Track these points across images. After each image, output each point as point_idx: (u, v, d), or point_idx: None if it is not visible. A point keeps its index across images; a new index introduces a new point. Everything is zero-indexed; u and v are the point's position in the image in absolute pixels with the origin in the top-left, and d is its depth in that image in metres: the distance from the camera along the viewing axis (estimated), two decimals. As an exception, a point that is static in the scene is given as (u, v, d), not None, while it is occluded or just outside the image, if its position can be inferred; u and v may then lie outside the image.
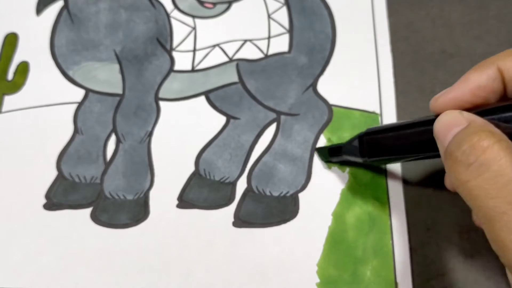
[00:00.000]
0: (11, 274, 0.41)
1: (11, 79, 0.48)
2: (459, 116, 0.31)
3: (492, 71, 0.33)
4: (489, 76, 0.32)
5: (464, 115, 0.31)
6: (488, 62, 0.33)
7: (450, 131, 0.31)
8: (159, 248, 0.42)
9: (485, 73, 0.33)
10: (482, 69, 0.33)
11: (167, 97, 0.47)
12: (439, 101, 0.34)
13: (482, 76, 0.33)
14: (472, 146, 0.29)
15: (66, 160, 0.45)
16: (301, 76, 0.47)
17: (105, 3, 0.50)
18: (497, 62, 0.32)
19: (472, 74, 0.33)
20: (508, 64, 0.32)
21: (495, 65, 0.32)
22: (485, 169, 0.28)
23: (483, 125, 0.30)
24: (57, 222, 0.43)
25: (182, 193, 0.44)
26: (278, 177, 0.44)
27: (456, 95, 0.33)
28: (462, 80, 0.33)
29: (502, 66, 0.32)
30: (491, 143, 0.28)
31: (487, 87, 0.33)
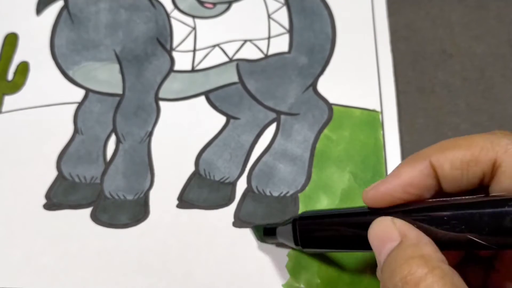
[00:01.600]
0: (11, 274, 0.41)
1: (11, 79, 0.48)
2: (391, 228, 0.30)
3: (424, 167, 0.31)
4: (421, 172, 0.31)
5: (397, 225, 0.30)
6: (420, 157, 0.31)
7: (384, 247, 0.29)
8: (159, 248, 0.42)
9: (418, 169, 0.31)
10: (415, 164, 0.31)
11: (167, 97, 0.47)
12: (369, 194, 0.32)
13: (414, 172, 0.31)
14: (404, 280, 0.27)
15: (66, 160, 0.45)
16: (301, 76, 0.47)
17: (105, 3, 0.50)
18: (430, 157, 0.31)
19: (404, 168, 0.31)
20: (441, 160, 0.30)
21: (428, 160, 0.31)
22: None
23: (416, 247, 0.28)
24: (57, 222, 0.43)
25: (182, 193, 0.44)
26: (278, 177, 0.44)
27: (387, 190, 0.31)
28: (393, 174, 0.31)
29: (435, 162, 0.30)
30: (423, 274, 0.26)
31: (419, 184, 0.31)
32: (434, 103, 0.48)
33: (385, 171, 0.44)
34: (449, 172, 0.30)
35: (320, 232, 0.35)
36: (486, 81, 0.48)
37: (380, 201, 0.32)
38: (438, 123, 0.47)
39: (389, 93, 0.47)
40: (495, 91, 0.48)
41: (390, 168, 0.44)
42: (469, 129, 0.47)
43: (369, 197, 0.32)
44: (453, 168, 0.30)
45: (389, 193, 0.31)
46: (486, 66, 0.49)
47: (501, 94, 0.48)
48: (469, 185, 0.30)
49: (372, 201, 0.32)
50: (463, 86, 0.48)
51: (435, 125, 0.47)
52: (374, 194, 0.32)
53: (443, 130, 0.47)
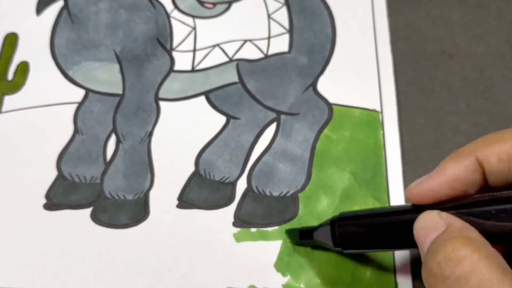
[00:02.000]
0: (11, 274, 0.41)
1: (11, 79, 0.48)
2: (437, 219, 0.29)
3: (470, 162, 0.30)
4: (468, 168, 0.30)
5: (443, 216, 0.29)
6: (466, 152, 0.31)
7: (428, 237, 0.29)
8: (159, 248, 0.42)
9: (463, 164, 0.31)
10: (460, 159, 0.31)
11: (167, 97, 0.47)
12: (414, 192, 0.32)
13: (460, 168, 0.31)
14: (447, 256, 0.27)
15: (66, 160, 0.45)
16: (301, 76, 0.47)
17: (105, 3, 0.50)
18: (475, 152, 0.30)
19: (449, 164, 0.31)
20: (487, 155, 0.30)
21: (473, 156, 0.30)
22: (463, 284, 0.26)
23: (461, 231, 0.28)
24: (57, 222, 0.43)
25: (182, 193, 0.44)
26: (278, 177, 0.44)
27: (432, 187, 0.31)
28: (438, 170, 0.31)
29: (482, 157, 0.30)
30: (468, 252, 0.26)
31: (465, 180, 0.31)
32: (434, 103, 0.48)
33: (385, 171, 0.44)
34: (495, 166, 0.30)
35: (361, 232, 0.35)
36: (486, 81, 0.48)
37: (425, 198, 0.31)
38: (438, 123, 0.47)
39: (389, 93, 0.47)
40: (495, 91, 0.48)
41: (390, 168, 0.44)
42: (469, 129, 0.47)
43: (414, 193, 0.32)
44: (500, 162, 0.30)
45: (434, 190, 0.31)
46: (486, 66, 0.49)
47: (501, 94, 0.48)
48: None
49: (417, 197, 0.32)
50: (463, 86, 0.48)
51: (435, 125, 0.47)
52: (419, 190, 0.32)
53: (443, 130, 0.47)
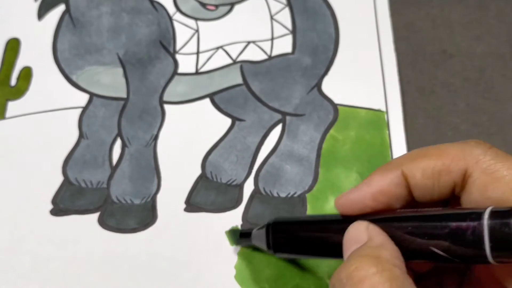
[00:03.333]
0: (20, 280, 0.41)
1: (14, 85, 0.47)
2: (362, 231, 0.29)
3: (395, 176, 0.30)
4: (392, 181, 0.30)
5: (369, 229, 0.29)
6: (392, 166, 0.31)
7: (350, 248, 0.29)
8: (167, 252, 0.42)
9: (389, 178, 0.30)
10: (386, 172, 0.31)
11: (171, 100, 0.47)
12: (340, 202, 0.32)
13: (385, 181, 0.30)
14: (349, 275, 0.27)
15: (72, 165, 0.44)
16: (305, 77, 0.47)
17: (107, 6, 0.50)
18: (402, 166, 0.30)
19: (375, 177, 0.31)
20: (413, 169, 0.30)
21: (400, 169, 0.30)
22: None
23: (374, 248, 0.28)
24: (65, 228, 0.42)
25: (189, 196, 0.44)
26: (285, 178, 0.44)
27: (357, 198, 0.31)
28: (365, 182, 0.31)
29: (407, 171, 0.30)
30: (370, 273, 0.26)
31: (390, 193, 0.30)
32: (434, 103, 0.48)
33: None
34: (420, 181, 0.30)
35: (292, 237, 0.36)
36: (486, 81, 0.49)
37: (350, 208, 0.31)
38: (438, 123, 0.47)
39: (394, 92, 0.47)
40: (495, 91, 0.48)
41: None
42: (469, 129, 0.47)
43: (340, 203, 0.32)
44: (424, 177, 0.30)
45: (360, 201, 0.31)
46: (486, 66, 0.49)
47: (501, 94, 0.48)
48: (441, 194, 0.30)
49: (343, 208, 0.32)
50: (463, 86, 0.49)
51: (435, 125, 0.47)
52: (345, 201, 0.32)
53: (443, 130, 0.47)
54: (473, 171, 0.28)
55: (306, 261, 0.41)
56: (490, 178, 0.28)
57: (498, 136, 0.47)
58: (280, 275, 0.41)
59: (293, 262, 0.41)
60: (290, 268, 0.41)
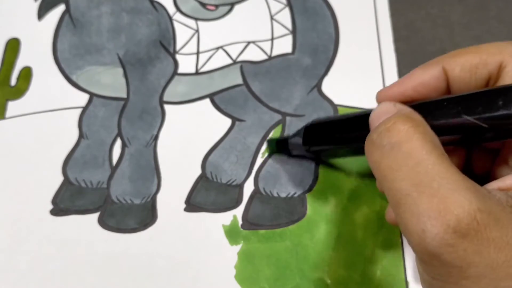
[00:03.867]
0: (19, 280, 0.41)
1: (14, 85, 0.47)
2: (390, 106, 0.32)
3: (436, 70, 0.33)
4: (433, 75, 0.33)
5: (396, 106, 0.32)
6: (434, 61, 0.33)
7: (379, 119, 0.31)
8: (167, 252, 0.42)
9: (429, 71, 0.33)
10: (428, 67, 0.33)
11: (171, 101, 0.47)
12: (382, 94, 0.34)
13: (426, 74, 0.33)
14: (387, 128, 0.29)
15: (72, 165, 0.44)
16: (306, 77, 0.47)
17: (107, 6, 0.50)
18: (442, 62, 0.33)
19: (417, 71, 0.34)
20: (452, 64, 0.32)
21: (440, 65, 0.33)
22: (396, 151, 0.28)
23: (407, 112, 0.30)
24: (65, 228, 0.43)
25: (190, 196, 0.44)
26: (285, 178, 0.44)
27: (398, 90, 0.33)
28: (407, 76, 0.34)
29: (447, 66, 0.32)
30: (407, 127, 0.28)
31: (429, 85, 0.33)
32: (434, 103, 0.48)
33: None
34: (458, 74, 0.32)
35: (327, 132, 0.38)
36: (486, 80, 0.49)
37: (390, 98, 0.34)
38: (438, 123, 0.47)
39: (394, 92, 0.47)
40: (495, 91, 0.48)
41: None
42: (469, 128, 0.47)
43: (382, 95, 0.34)
44: (463, 71, 0.32)
45: (400, 92, 0.33)
46: (486, 66, 0.49)
47: (501, 94, 0.48)
48: (477, 87, 0.32)
49: (384, 98, 0.34)
50: (463, 86, 0.49)
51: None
52: (386, 93, 0.34)
53: (443, 130, 0.47)
54: (508, 63, 0.31)
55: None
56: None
57: (498, 136, 0.47)
58: (280, 275, 0.41)
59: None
60: (290, 268, 0.41)
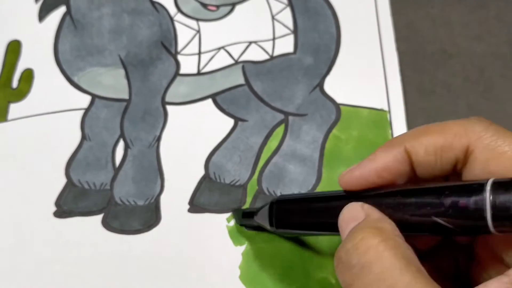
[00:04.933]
0: (23, 282, 0.41)
1: (16, 87, 0.47)
2: (358, 210, 0.30)
3: (399, 153, 0.31)
4: (396, 158, 0.31)
5: (364, 208, 0.30)
6: (396, 142, 0.31)
7: (348, 227, 0.30)
8: (171, 253, 0.42)
9: (392, 154, 0.31)
10: (390, 149, 0.31)
11: (174, 101, 0.47)
12: (345, 178, 0.32)
13: (389, 157, 0.31)
14: (355, 245, 0.27)
15: (74, 167, 0.44)
16: (307, 77, 0.47)
17: (108, 8, 0.50)
18: (405, 143, 0.31)
19: (379, 153, 0.32)
20: (416, 146, 0.30)
21: (403, 146, 0.31)
22: (367, 272, 0.26)
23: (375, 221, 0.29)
24: (69, 230, 0.42)
25: (193, 197, 0.43)
26: (288, 178, 0.44)
27: (361, 174, 0.32)
28: (369, 158, 0.32)
29: (410, 148, 0.31)
30: (376, 242, 0.27)
31: (394, 169, 0.31)
32: (434, 103, 0.48)
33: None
34: (423, 157, 0.30)
35: (295, 213, 0.36)
36: (486, 81, 0.49)
37: (354, 184, 0.32)
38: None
39: (396, 92, 0.47)
40: (495, 91, 0.49)
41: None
42: (469, 128, 0.47)
43: (344, 180, 0.32)
44: (427, 154, 0.30)
45: (364, 177, 0.32)
46: (486, 66, 0.49)
47: (501, 94, 0.48)
48: (443, 171, 0.31)
49: (347, 184, 0.32)
50: (463, 86, 0.49)
51: (435, 125, 0.47)
52: (349, 177, 0.32)
53: (443, 130, 0.47)
54: (475, 147, 0.29)
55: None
56: (492, 153, 0.28)
57: (498, 135, 0.47)
58: (285, 275, 0.41)
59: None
60: (295, 268, 0.41)
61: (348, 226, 0.30)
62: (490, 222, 0.26)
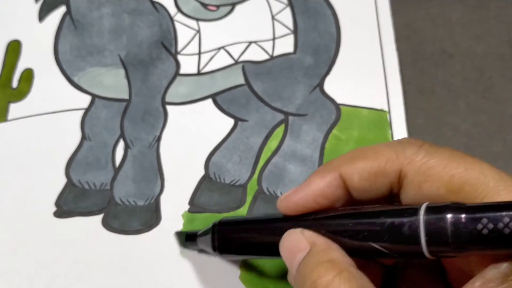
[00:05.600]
0: (23, 283, 0.41)
1: (16, 87, 0.47)
2: (300, 239, 0.30)
3: (333, 178, 0.31)
4: (331, 184, 0.31)
5: (306, 235, 0.30)
6: (331, 168, 0.31)
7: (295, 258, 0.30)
8: (172, 253, 0.42)
9: (327, 180, 0.31)
10: (324, 175, 0.31)
11: (174, 101, 0.47)
12: (283, 203, 0.32)
13: (324, 183, 0.31)
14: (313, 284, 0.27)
15: (74, 167, 0.44)
16: (308, 77, 0.47)
17: (108, 8, 0.50)
18: (339, 169, 0.31)
19: (314, 179, 0.32)
20: (350, 172, 0.31)
21: (337, 172, 0.31)
22: None
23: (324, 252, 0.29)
24: (69, 230, 0.42)
25: (193, 197, 0.43)
26: (288, 178, 0.44)
27: (298, 200, 0.32)
28: (305, 184, 0.32)
29: (344, 174, 0.31)
30: (331, 277, 0.27)
31: (329, 194, 0.31)
32: (434, 103, 0.48)
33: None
34: (357, 183, 0.31)
35: (237, 238, 0.36)
36: (486, 81, 0.49)
37: (292, 210, 0.32)
38: (438, 123, 0.47)
39: (396, 92, 0.47)
40: (495, 91, 0.48)
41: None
42: (469, 129, 0.47)
43: (282, 206, 0.32)
44: (362, 180, 0.30)
45: (300, 203, 0.32)
46: (486, 66, 0.49)
47: (501, 94, 0.48)
48: (379, 194, 0.31)
49: (285, 209, 0.32)
50: (463, 86, 0.49)
51: (435, 125, 0.47)
52: (287, 203, 0.32)
53: (443, 130, 0.47)
54: (407, 171, 0.29)
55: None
56: (424, 176, 0.29)
57: (498, 136, 0.47)
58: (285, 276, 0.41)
59: None
60: (295, 268, 0.41)
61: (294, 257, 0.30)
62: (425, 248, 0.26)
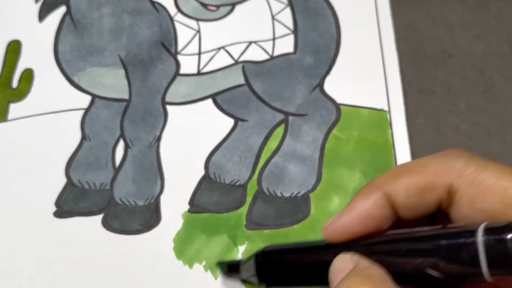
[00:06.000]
0: (24, 283, 0.41)
1: (16, 87, 0.47)
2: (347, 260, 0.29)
3: (378, 198, 0.29)
4: (376, 204, 0.29)
5: (353, 258, 0.29)
6: (374, 187, 0.30)
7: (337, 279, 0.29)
8: (172, 253, 0.42)
9: (372, 200, 0.29)
10: (369, 195, 0.30)
11: (174, 101, 0.47)
12: (328, 230, 0.31)
13: (369, 204, 0.29)
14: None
15: (74, 167, 0.44)
16: (308, 77, 0.47)
17: (108, 8, 0.50)
18: (384, 187, 0.29)
19: (359, 201, 0.30)
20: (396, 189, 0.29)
21: (382, 190, 0.29)
22: None
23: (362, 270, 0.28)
24: (69, 230, 0.42)
25: (193, 197, 0.43)
26: (288, 178, 0.44)
27: (344, 225, 0.30)
28: (349, 207, 0.30)
29: (390, 191, 0.29)
30: None
31: (376, 215, 0.29)
32: (434, 103, 0.48)
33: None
34: (404, 200, 0.29)
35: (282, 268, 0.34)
36: (486, 81, 0.49)
37: (338, 236, 0.30)
38: (438, 123, 0.47)
39: (396, 92, 0.47)
40: (495, 91, 0.48)
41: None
42: (469, 129, 0.47)
43: (328, 233, 0.31)
44: (409, 196, 0.29)
45: (347, 228, 0.30)
46: (486, 66, 0.49)
47: (501, 94, 0.48)
48: (427, 211, 0.29)
49: (331, 236, 0.31)
50: (463, 86, 0.49)
51: (435, 125, 0.47)
52: (332, 230, 0.31)
53: (443, 130, 0.47)
54: (459, 185, 0.28)
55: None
56: (477, 190, 0.27)
57: (498, 136, 0.47)
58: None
59: None
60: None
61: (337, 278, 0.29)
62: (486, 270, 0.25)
